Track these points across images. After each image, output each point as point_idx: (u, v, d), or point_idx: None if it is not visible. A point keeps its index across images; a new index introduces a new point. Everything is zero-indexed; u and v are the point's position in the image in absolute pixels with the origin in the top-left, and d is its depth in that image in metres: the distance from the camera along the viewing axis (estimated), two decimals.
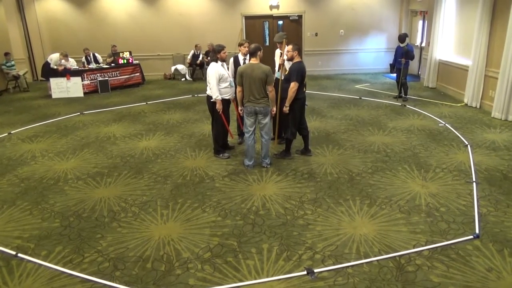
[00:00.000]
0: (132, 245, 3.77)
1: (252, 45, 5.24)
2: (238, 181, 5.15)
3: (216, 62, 5.53)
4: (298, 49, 5.50)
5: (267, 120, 5.33)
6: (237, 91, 5.37)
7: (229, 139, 6.32)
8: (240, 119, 6.13)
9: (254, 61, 5.20)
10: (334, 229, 3.96)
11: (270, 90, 5.20)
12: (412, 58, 9.10)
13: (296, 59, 5.47)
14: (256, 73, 5.09)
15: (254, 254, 3.59)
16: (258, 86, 5.12)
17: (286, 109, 5.48)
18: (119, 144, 6.75)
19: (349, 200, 4.55)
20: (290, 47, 5.50)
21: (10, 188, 5.13)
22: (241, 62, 6.01)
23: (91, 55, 11.98)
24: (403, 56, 8.99)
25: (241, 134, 6.54)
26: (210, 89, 5.57)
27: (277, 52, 6.29)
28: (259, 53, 5.22)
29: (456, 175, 5.15)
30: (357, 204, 4.45)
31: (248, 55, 5.55)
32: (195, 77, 13.27)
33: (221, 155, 5.93)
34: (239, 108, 5.56)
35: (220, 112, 5.62)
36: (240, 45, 6.02)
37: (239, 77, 5.19)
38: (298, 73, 5.33)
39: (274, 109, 5.50)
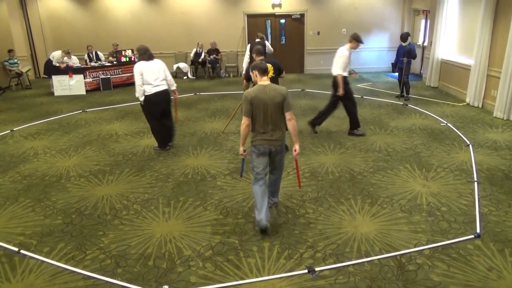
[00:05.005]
0: (134, 242, 3.79)
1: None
2: (239, 179, 5.15)
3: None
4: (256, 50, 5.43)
5: (283, 159, 4.12)
6: (242, 126, 3.81)
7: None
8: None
9: (264, 81, 3.83)
10: (336, 228, 3.97)
11: (289, 118, 3.82)
12: (414, 57, 9.10)
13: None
14: (271, 95, 3.74)
15: (255, 253, 3.60)
16: (275, 114, 3.79)
17: None
18: (121, 142, 6.77)
19: (351, 199, 4.56)
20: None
21: (12, 185, 5.15)
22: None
23: (93, 52, 11.99)
24: (405, 55, 8.98)
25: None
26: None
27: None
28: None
29: (457, 174, 5.15)
30: (359, 203, 4.46)
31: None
32: (197, 75, 13.28)
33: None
34: (241, 148, 3.95)
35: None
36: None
37: (249, 105, 3.74)
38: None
39: (297, 147, 3.90)
